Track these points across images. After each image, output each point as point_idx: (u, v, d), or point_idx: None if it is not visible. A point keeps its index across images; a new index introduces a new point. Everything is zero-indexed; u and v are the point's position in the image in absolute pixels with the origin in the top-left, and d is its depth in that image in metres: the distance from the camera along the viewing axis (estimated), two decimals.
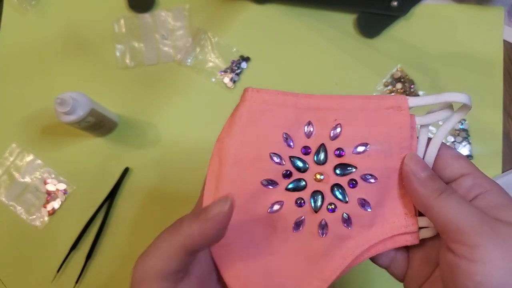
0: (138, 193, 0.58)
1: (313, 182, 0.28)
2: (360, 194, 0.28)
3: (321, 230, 0.28)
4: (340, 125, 0.28)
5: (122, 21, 0.63)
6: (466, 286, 0.23)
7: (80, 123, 0.52)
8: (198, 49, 0.62)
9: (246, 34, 0.62)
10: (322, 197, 0.28)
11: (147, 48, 0.62)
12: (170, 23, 0.63)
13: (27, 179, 0.59)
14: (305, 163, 0.28)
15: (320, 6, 0.62)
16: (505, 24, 0.60)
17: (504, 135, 0.58)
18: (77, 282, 0.56)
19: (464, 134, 0.57)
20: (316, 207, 0.28)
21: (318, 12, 0.62)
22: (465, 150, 0.57)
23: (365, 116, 0.28)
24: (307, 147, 0.28)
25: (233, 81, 0.60)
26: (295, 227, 0.28)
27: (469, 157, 0.57)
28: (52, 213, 0.58)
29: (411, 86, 0.59)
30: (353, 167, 0.28)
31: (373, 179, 0.28)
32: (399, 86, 0.59)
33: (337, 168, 0.28)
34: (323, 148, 0.28)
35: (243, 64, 0.61)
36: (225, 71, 0.61)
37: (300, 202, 0.28)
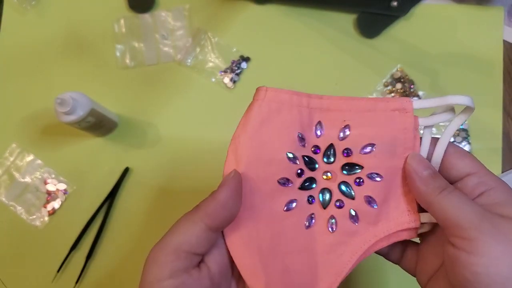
0: (138, 193, 0.58)
1: (322, 180, 0.29)
2: (367, 192, 0.29)
3: (330, 226, 0.29)
4: (349, 126, 0.29)
5: (122, 21, 0.63)
6: (465, 277, 0.24)
7: (80, 123, 0.52)
8: (198, 49, 0.62)
9: (246, 34, 0.62)
10: (330, 194, 0.29)
11: (147, 48, 0.62)
12: (170, 23, 0.63)
13: (27, 179, 0.59)
14: (316, 162, 0.29)
15: (320, 6, 0.62)
16: (505, 24, 0.60)
17: (504, 135, 0.58)
18: (77, 282, 0.56)
19: (464, 134, 0.57)
20: (325, 203, 0.29)
21: (318, 12, 0.62)
22: None
23: (372, 118, 0.29)
24: (317, 146, 0.29)
25: (233, 81, 0.60)
26: (307, 224, 0.29)
27: None
28: (52, 213, 0.58)
29: (411, 86, 0.59)
30: (360, 167, 0.29)
31: (379, 178, 0.29)
32: (399, 86, 0.59)
33: (345, 167, 0.29)
34: (332, 148, 0.29)
35: (243, 64, 0.61)
36: (225, 71, 0.61)
37: (311, 200, 0.29)
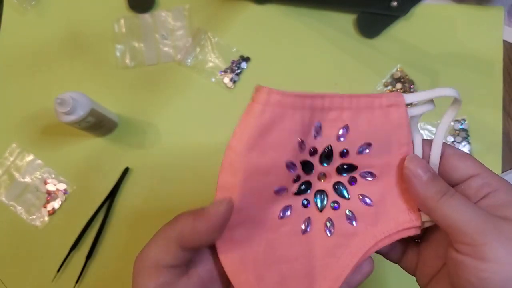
0: (138, 193, 0.58)
1: (317, 182, 0.29)
2: (360, 191, 0.28)
3: (328, 229, 0.28)
4: (348, 126, 0.28)
5: (122, 21, 0.63)
6: (471, 282, 0.23)
7: (80, 123, 0.52)
8: (198, 49, 0.62)
9: (246, 34, 0.62)
10: (326, 196, 0.28)
11: (147, 48, 0.62)
12: (170, 23, 0.63)
13: (27, 179, 0.59)
14: (312, 165, 0.28)
15: (320, 6, 0.62)
16: (505, 24, 0.60)
17: (504, 135, 0.58)
18: (77, 282, 0.56)
19: (464, 134, 0.57)
20: (321, 206, 0.28)
21: (318, 12, 0.62)
22: (465, 150, 0.57)
23: (369, 115, 0.28)
24: (314, 148, 0.28)
25: (233, 81, 0.60)
26: (304, 230, 0.28)
27: None
28: (52, 213, 0.58)
29: (411, 86, 0.59)
30: (355, 167, 0.28)
31: (372, 176, 0.28)
32: (399, 86, 0.59)
33: (340, 168, 0.28)
34: (329, 150, 0.28)
35: (243, 64, 0.61)
36: (225, 71, 0.61)
37: (307, 203, 0.28)
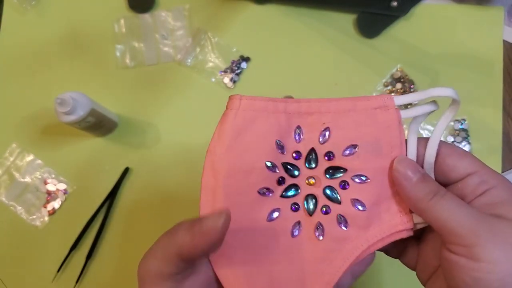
0: (138, 193, 0.58)
1: (306, 186, 0.28)
2: (353, 195, 0.28)
3: (318, 233, 0.28)
4: (329, 129, 0.28)
5: (122, 21, 0.63)
6: (465, 282, 0.23)
7: (80, 123, 0.52)
8: (198, 49, 0.62)
9: (246, 34, 0.62)
10: (316, 200, 0.28)
11: (147, 48, 0.62)
12: (170, 23, 0.63)
13: (27, 179, 0.59)
14: (297, 169, 0.28)
15: (320, 6, 0.62)
16: (505, 24, 0.60)
17: (504, 135, 0.58)
18: (77, 282, 0.56)
19: (464, 134, 0.57)
20: (310, 210, 0.28)
21: (318, 12, 0.62)
22: None
23: (353, 118, 0.28)
24: (298, 152, 0.28)
25: (233, 81, 0.60)
26: (293, 233, 0.28)
27: None
28: (52, 213, 0.58)
29: (411, 86, 0.59)
30: (344, 169, 0.28)
31: (364, 179, 0.28)
32: (399, 86, 0.59)
33: (328, 171, 0.28)
34: (314, 153, 0.28)
35: (243, 64, 0.61)
36: (225, 71, 0.61)
37: (296, 208, 0.28)
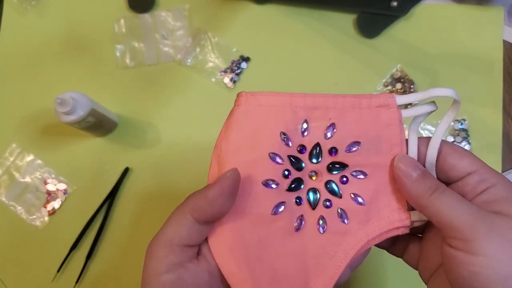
0: (138, 193, 0.58)
1: (309, 180, 0.29)
2: (352, 190, 0.29)
3: (320, 226, 0.28)
4: (334, 124, 0.28)
5: (122, 21, 0.63)
6: (464, 276, 0.24)
7: (80, 123, 0.52)
8: (198, 49, 0.62)
9: (246, 34, 0.62)
10: (318, 194, 0.29)
11: (147, 48, 0.62)
12: (170, 23, 0.63)
13: (27, 179, 0.59)
14: (302, 162, 0.29)
15: (320, 6, 0.62)
16: (505, 24, 0.60)
17: (504, 135, 0.58)
18: (77, 282, 0.56)
19: (464, 134, 0.57)
20: (314, 204, 0.29)
21: (318, 12, 0.62)
22: None
23: (357, 115, 0.28)
24: (303, 146, 0.29)
25: (233, 81, 0.60)
26: (297, 227, 0.28)
27: None
28: (52, 213, 0.58)
29: (411, 86, 0.59)
30: (345, 165, 0.29)
31: (363, 175, 0.29)
32: (399, 86, 0.59)
33: (330, 166, 0.29)
34: (318, 147, 0.29)
35: (243, 64, 0.61)
36: (225, 71, 0.61)
37: (299, 201, 0.29)
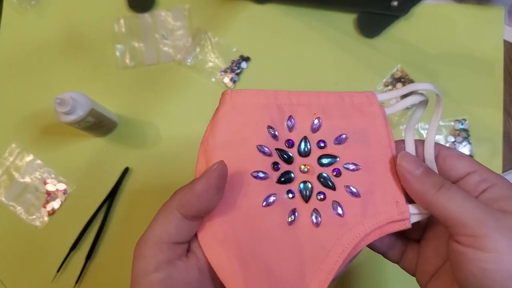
0: (138, 193, 0.58)
1: (300, 174, 0.29)
2: (346, 182, 0.28)
3: (314, 220, 0.28)
4: (320, 118, 0.29)
5: (122, 21, 0.63)
6: (473, 273, 0.23)
7: (80, 123, 0.52)
8: (198, 49, 0.62)
9: (246, 34, 0.62)
10: (311, 187, 0.28)
11: (147, 48, 0.62)
12: (170, 23, 0.63)
13: (27, 179, 0.59)
14: (291, 156, 0.29)
15: (320, 6, 0.62)
16: (505, 24, 0.60)
17: (505, 135, 0.57)
18: (77, 282, 0.56)
19: (464, 134, 0.57)
20: (306, 197, 0.28)
21: (318, 12, 0.62)
22: (465, 150, 0.57)
23: (341, 110, 0.29)
24: (291, 140, 0.29)
25: (233, 81, 0.60)
26: (290, 221, 0.28)
27: None
28: (52, 213, 0.58)
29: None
30: (336, 157, 0.29)
31: (356, 167, 0.28)
32: (399, 86, 0.59)
33: (321, 159, 0.29)
34: (306, 140, 0.29)
35: (243, 64, 0.61)
36: (225, 71, 0.61)
37: (291, 194, 0.28)
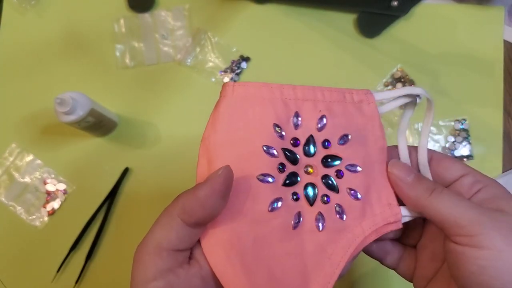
0: (138, 193, 0.58)
1: (304, 175, 0.28)
2: (348, 184, 0.28)
3: (319, 223, 0.27)
4: (325, 116, 0.28)
5: (122, 21, 0.63)
6: (472, 271, 0.23)
7: (80, 123, 0.52)
8: (198, 49, 0.62)
9: (246, 34, 0.62)
10: (316, 189, 0.28)
11: (147, 48, 0.62)
12: (170, 23, 0.63)
13: (27, 179, 0.59)
14: (296, 155, 0.28)
15: (320, 6, 0.62)
16: (505, 24, 0.60)
17: (505, 135, 0.57)
18: (77, 282, 0.56)
19: (464, 134, 0.57)
20: (311, 200, 0.27)
21: (318, 12, 0.62)
22: (465, 150, 0.57)
23: (343, 107, 0.28)
24: (296, 139, 0.28)
25: (233, 81, 0.60)
26: (295, 225, 0.27)
27: (469, 157, 0.57)
28: (52, 213, 0.58)
29: (411, 86, 0.59)
30: (340, 158, 0.28)
31: (357, 169, 0.28)
32: (399, 86, 0.59)
33: (325, 160, 0.28)
34: (312, 140, 0.28)
35: (243, 64, 0.61)
36: (225, 71, 0.61)
37: (296, 197, 0.27)
